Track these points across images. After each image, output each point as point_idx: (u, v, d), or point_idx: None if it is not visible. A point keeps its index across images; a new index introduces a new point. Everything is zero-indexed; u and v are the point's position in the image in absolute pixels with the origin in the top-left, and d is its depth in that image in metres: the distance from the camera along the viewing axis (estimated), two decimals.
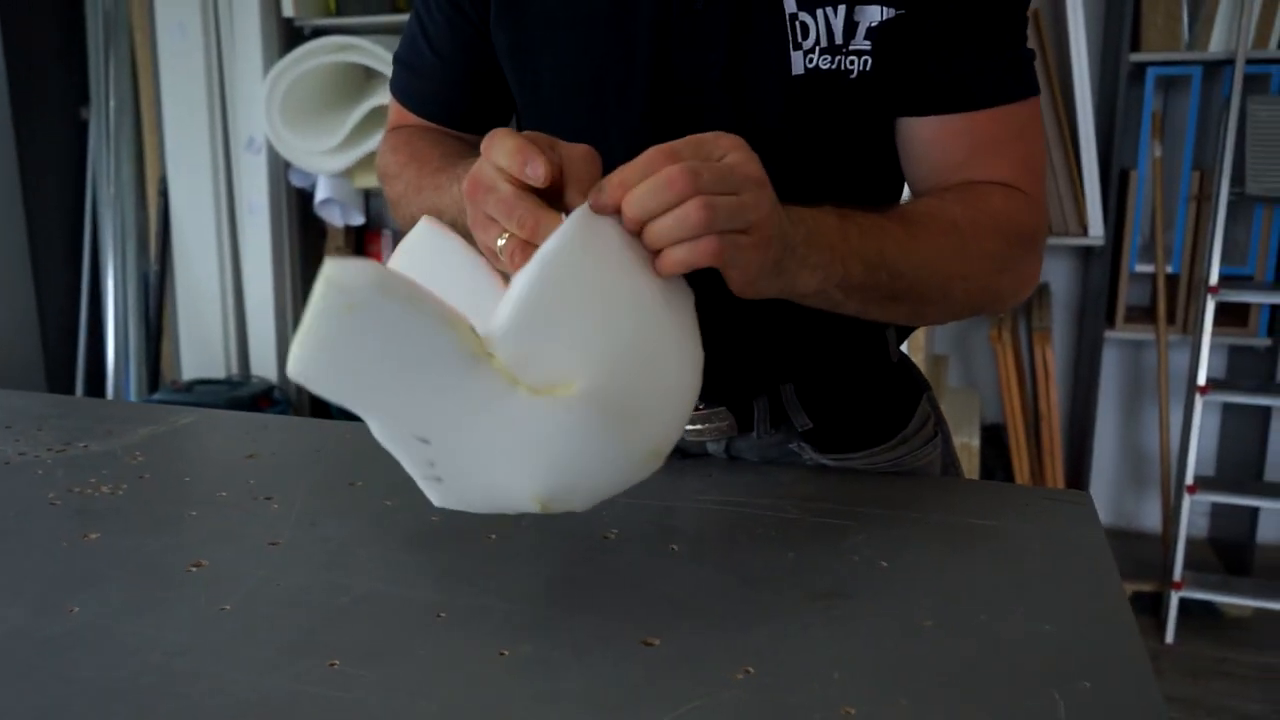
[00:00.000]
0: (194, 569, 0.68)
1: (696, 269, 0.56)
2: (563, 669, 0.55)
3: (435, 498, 0.60)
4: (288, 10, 2.70)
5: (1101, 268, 2.41)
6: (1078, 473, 2.53)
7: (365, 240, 3.01)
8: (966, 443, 2.02)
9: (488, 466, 0.56)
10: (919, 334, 2.03)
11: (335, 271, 0.50)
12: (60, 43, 2.99)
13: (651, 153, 0.55)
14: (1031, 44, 0.74)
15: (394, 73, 0.86)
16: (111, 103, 2.95)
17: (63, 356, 3.08)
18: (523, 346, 0.54)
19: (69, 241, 3.07)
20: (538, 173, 0.56)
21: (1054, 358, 2.32)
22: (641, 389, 0.56)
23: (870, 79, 0.70)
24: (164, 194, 2.94)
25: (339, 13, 2.75)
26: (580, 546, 0.71)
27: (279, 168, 2.87)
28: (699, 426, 0.84)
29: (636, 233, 0.55)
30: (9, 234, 2.92)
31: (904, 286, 0.67)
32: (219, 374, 2.96)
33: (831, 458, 0.86)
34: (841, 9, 0.68)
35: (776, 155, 0.72)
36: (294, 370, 0.52)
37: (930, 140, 0.74)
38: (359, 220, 2.92)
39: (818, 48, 0.69)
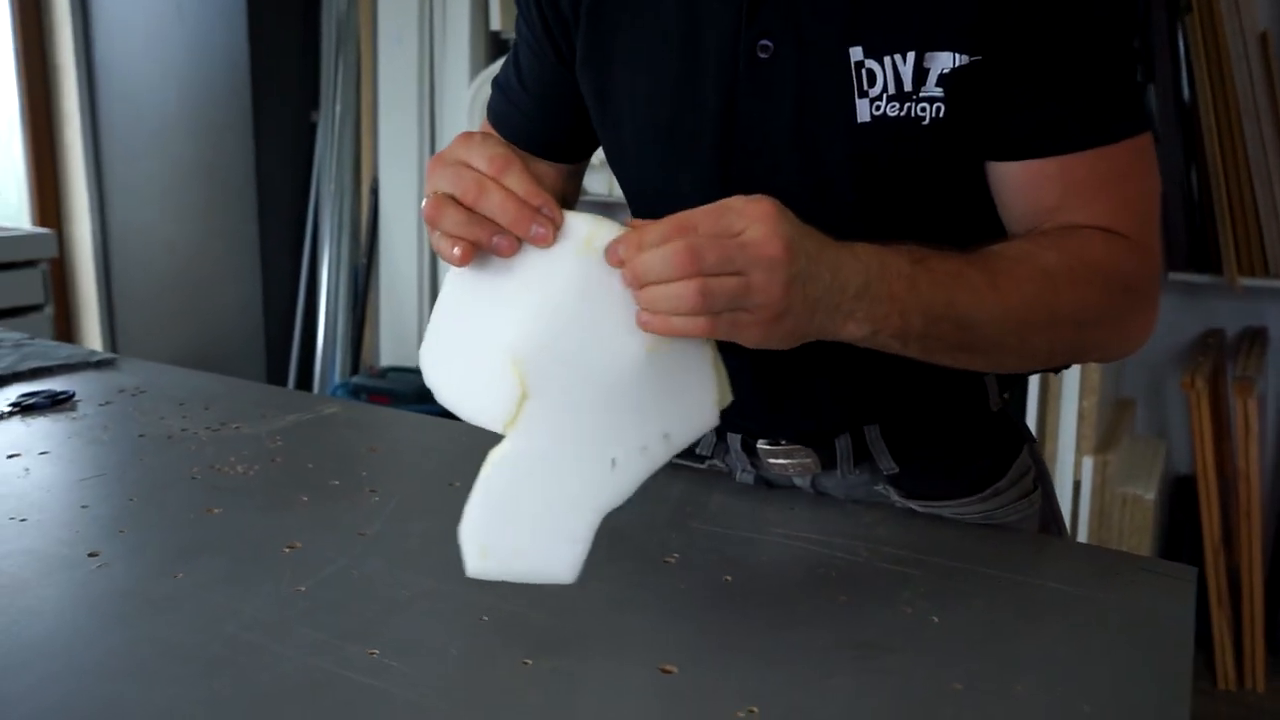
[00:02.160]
0: (288, 550, 0.75)
1: None
2: (576, 685, 0.57)
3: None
4: (495, 24, 2.86)
5: None
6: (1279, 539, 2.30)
7: None
8: (1139, 495, 1.88)
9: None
10: (1096, 376, 1.91)
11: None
12: (297, 49, 3.28)
13: (670, 220, 0.56)
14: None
15: (491, 95, 0.90)
16: (338, 106, 3.22)
17: (280, 340, 3.38)
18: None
19: (293, 235, 3.36)
20: (546, 235, 0.59)
21: (1257, 410, 2.12)
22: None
23: (944, 125, 0.68)
24: (375, 192, 3.17)
25: None
26: (637, 567, 0.73)
27: None
28: (781, 461, 0.84)
29: (638, 288, 0.57)
30: (244, 228, 3.24)
31: (973, 338, 0.65)
32: (412, 363, 3.17)
33: (919, 504, 0.84)
34: (911, 56, 0.67)
35: (846, 203, 0.72)
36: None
37: (1019, 186, 0.71)
38: None
39: (885, 95, 0.68)
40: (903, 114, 0.68)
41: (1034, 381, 1.94)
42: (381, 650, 0.60)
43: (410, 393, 2.79)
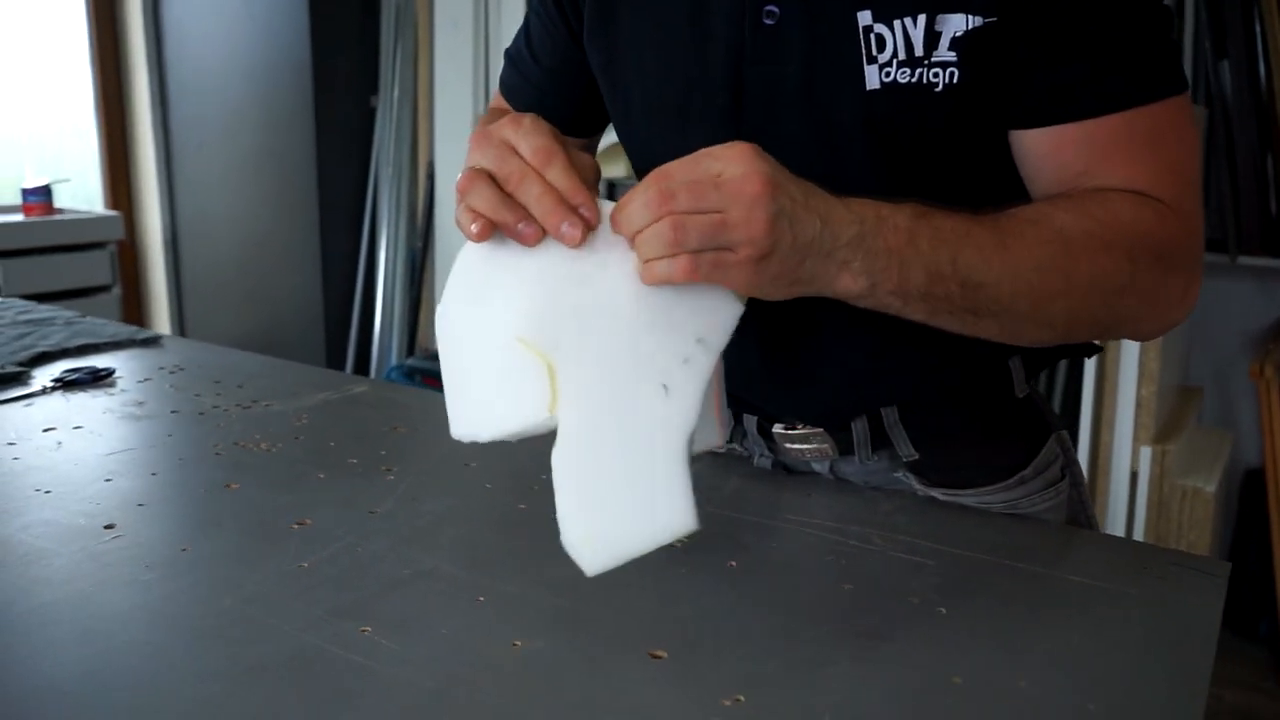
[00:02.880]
0: (297, 526, 0.75)
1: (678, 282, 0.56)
2: (561, 669, 0.56)
3: None
4: None
5: None
6: None
7: None
8: (1200, 487, 1.81)
9: None
10: (1155, 363, 1.84)
11: None
12: (357, 36, 3.32)
13: (651, 173, 0.56)
14: None
15: (504, 67, 0.90)
16: (396, 91, 3.25)
17: (339, 323, 3.43)
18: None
19: (352, 220, 3.41)
20: (575, 235, 0.58)
21: None
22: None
23: (959, 91, 0.65)
24: (430, 176, 3.20)
25: None
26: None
27: None
28: (797, 446, 0.82)
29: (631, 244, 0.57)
30: (305, 213, 3.29)
31: (981, 300, 0.61)
32: None
33: (941, 492, 0.81)
34: (921, 19, 0.64)
35: (861, 173, 0.69)
36: None
37: (1044, 154, 0.67)
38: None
39: (895, 60, 0.65)
40: (914, 80, 0.65)
41: (1089, 368, 1.87)
42: (374, 628, 0.60)
43: None
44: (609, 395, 0.58)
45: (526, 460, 0.89)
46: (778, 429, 0.82)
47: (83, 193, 3.59)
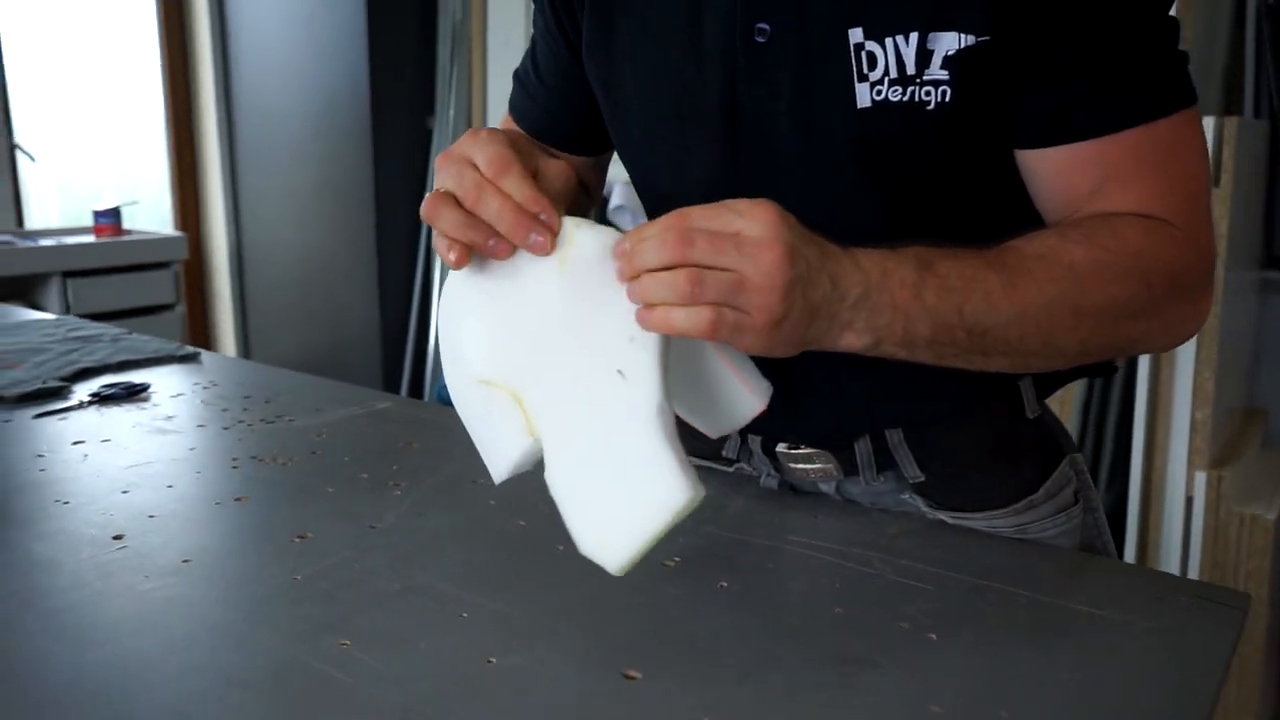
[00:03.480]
0: (297, 540, 0.76)
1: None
2: (533, 686, 0.56)
3: None
4: None
5: None
6: None
7: None
8: (1259, 514, 1.73)
9: None
10: (1210, 384, 1.77)
11: None
12: (414, 59, 3.39)
13: (670, 214, 0.55)
14: None
15: (512, 89, 0.90)
16: (451, 112, 3.30)
17: (396, 344, 3.49)
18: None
19: (409, 241, 3.47)
20: (543, 244, 0.58)
21: None
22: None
23: (951, 111, 0.64)
24: None
25: None
26: (635, 570, 0.71)
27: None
28: (801, 466, 0.81)
29: (633, 278, 0.56)
30: (363, 235, 3.36)
31: (988, 343, 0.61)
32: None
33: (949, 515, 0.79)
34: (914, 37, 0.63)
35: (855, 193, 0.68)
36: None
37: (1054, 173, 0.66)
38: None
39: (887, 79, 0.64)
40: (906, 98, 0.64)
41: (1141, 391, 1.81)
42: (354, 642, 0.61)
43: None
44: (572, 400, 0.58)
45: (532, 477, 0.90)
46: (781, 448, 0.81)
47: (157, 214, 3.72)
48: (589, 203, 0.89)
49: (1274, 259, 2.21)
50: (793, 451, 0.81)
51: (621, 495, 0.57)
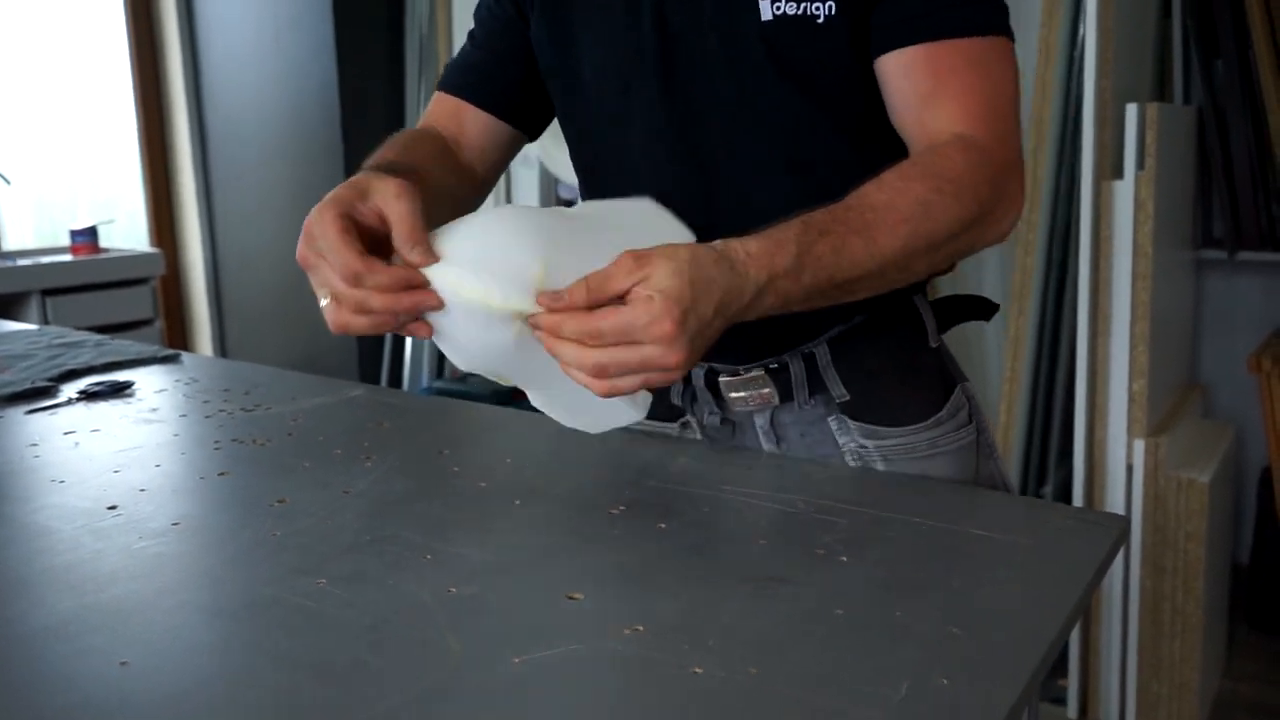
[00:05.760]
0: (277, 504, 0.83)
1: None
2: (486, 609, 0.64)
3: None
4: None
5: None
6: None
7: None
8: (1194, 478, 1.83)
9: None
10: (1144, 358, 1.87)
11: None
12: (384, 69, 3.46)
13: (584, 301, 0.67)
14: None
15: (444, 73, 1.01)
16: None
17: (373, 348, 3.55)
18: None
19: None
20: (436, 302, 0.73)
21: None
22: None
23: (836, 23, 0.78)
24: None
25: None
26: (585, 517, 0.79)
27: (549, 182, 3.15)
28: (741, 394, 0.91)
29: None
30: None
31: (855, 288, 0.73)
32: None
33: (869, 433, 0.89)
34: None
35: (769, 101, 0.81)
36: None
37: (897, 75, 0.79)
38: None
39: None
40: (799, 12, 0.78)
41: (1082, 367, 1.91)
42: (328, 580, 0.68)
43: (486, 395, 2.91)
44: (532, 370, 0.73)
45: (495, 447, 0.97)
46: (723, 379, 0.91)
47: (133, 232, 3.76)
48: (472, 192, 1.01)
49: (1210, 239, 2.32)
50: (733, 379, 0.90)
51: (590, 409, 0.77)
